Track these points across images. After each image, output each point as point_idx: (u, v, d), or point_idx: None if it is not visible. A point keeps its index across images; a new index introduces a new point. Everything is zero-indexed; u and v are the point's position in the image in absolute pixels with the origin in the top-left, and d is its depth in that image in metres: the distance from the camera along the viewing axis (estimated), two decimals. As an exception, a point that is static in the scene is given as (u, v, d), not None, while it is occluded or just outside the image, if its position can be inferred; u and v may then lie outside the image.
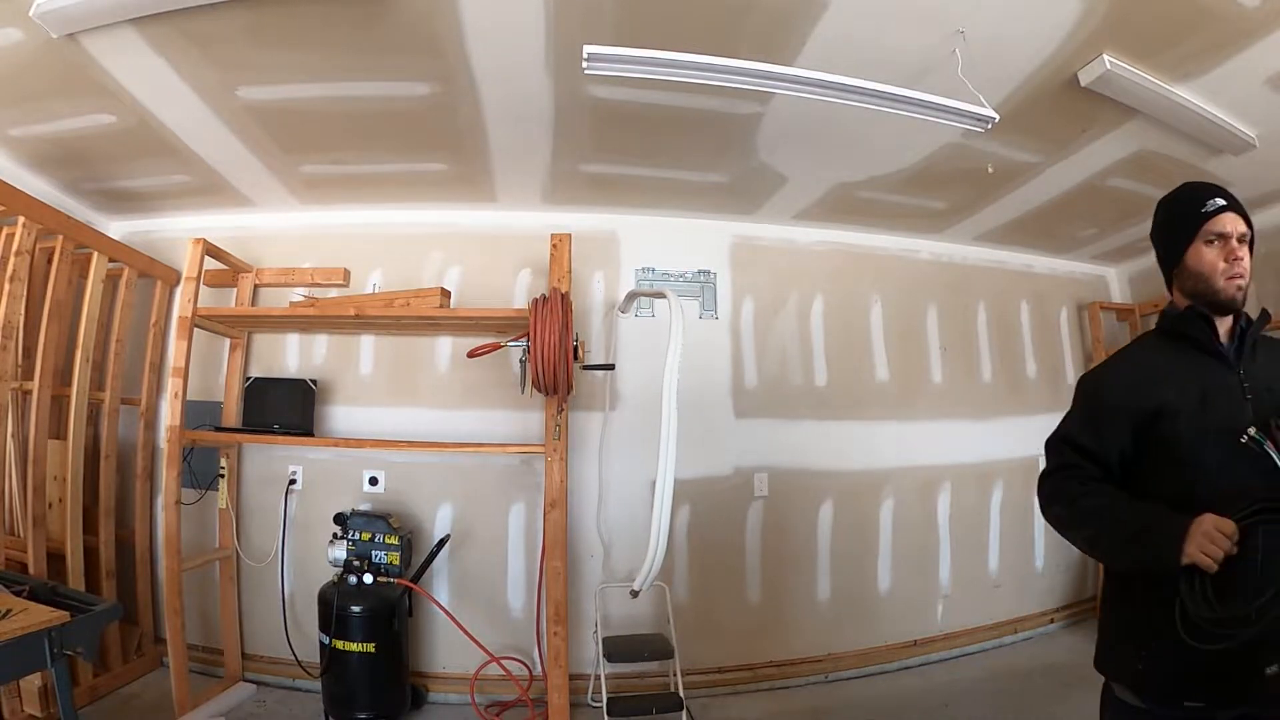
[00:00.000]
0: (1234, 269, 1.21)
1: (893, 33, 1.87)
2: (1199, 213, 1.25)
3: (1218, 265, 1.22)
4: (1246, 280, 1.22)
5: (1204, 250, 1.24)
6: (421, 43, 1.94)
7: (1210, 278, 1.22)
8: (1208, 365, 1.22)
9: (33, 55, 1.94)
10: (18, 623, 1.45)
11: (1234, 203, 1.26)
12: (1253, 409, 1.14)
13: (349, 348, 3.12)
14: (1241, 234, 1.23)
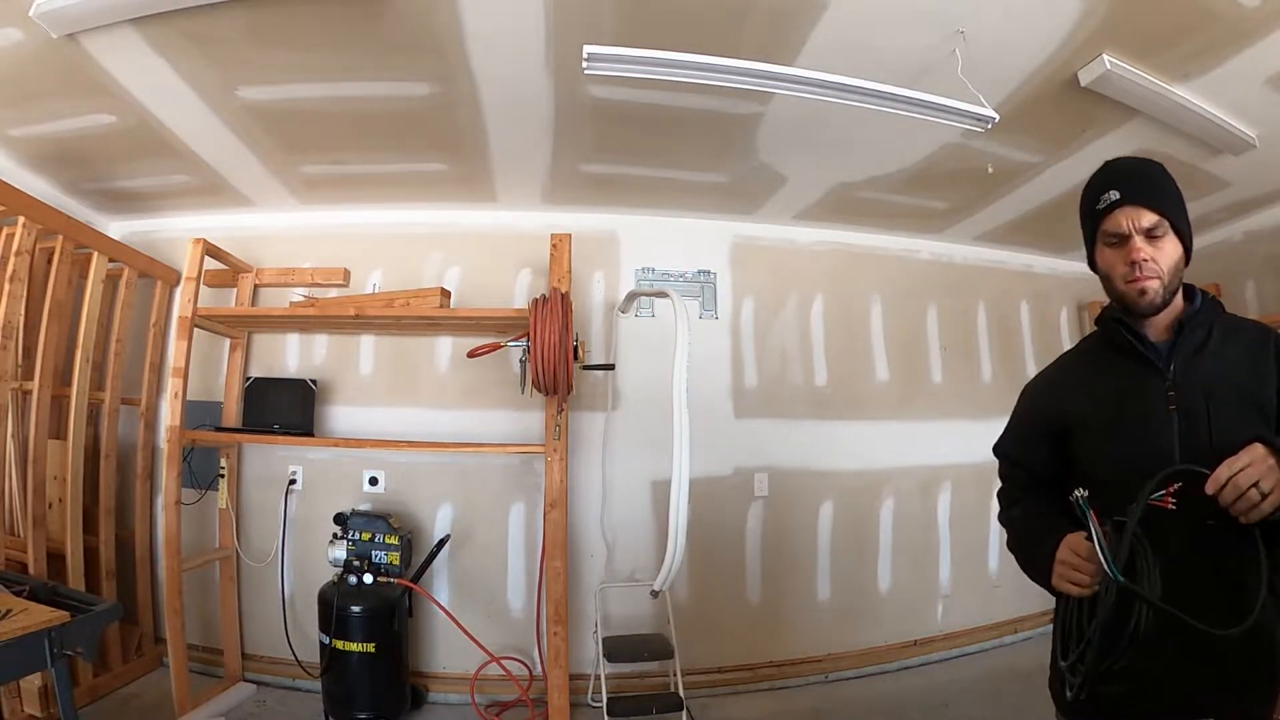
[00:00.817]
0: (1132, 273, 1.05)
1: (893, 33, 1.87)
2: (1093, 211, 1.11)
3: (1116, 268, 1.08)
4: (1158, 282, 1.05)
5: (1105, 252, 1.11)
6: (421, 43, 1.94)
7: (1112, 282, 1.10)
8: (1130, 371, 1.09)
9: (33, 55, 1.94)
10: (18, 623, 1.45)
11: (1135, 190, 1.08)
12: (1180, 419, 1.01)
13: (349, 348, 3.12)
14: (1147, 227, 1.05)
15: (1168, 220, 1.06)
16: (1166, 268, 1.06)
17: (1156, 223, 1.05)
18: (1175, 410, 1.02)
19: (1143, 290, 1.05)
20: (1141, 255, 1.04)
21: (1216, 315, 1.09)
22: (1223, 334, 1.07)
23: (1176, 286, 1.08)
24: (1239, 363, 1.02)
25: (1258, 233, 3.28)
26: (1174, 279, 1.07)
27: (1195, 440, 0.98)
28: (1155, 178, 1.10)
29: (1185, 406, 1.01)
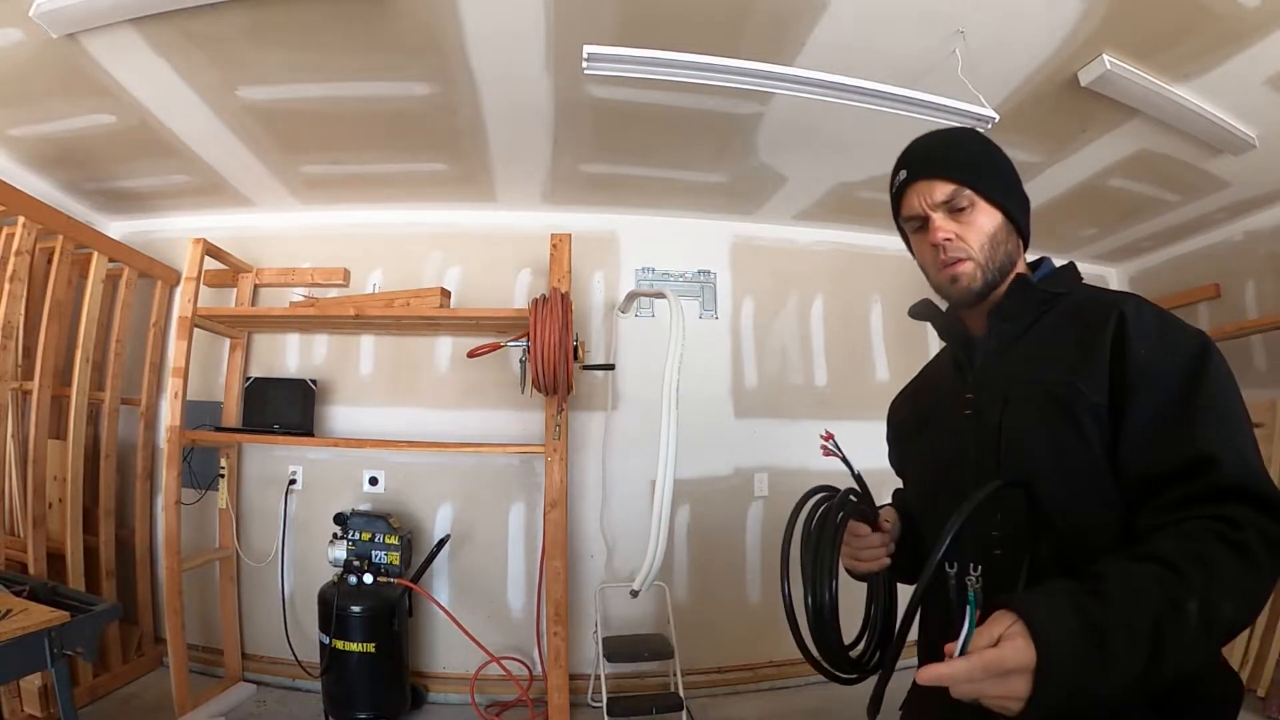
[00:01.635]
0: (938, 256, 0.88)
1: (893, 33, 1.87)
2: (891, 196, 0.97)
3: (926, 255, 0.92)
4: (971, 264, 0.87)
5: (914, 241, 0.95)
6: (421, 43, 1.94)
7: (927, 271, 0.93)
8: (949, 371, 0.96)
9: (33, 55, 1.94)
10: (18, 623, 1.45)
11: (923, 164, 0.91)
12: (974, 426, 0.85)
13: (349, 348, 3.12)
14: (942, 200, 0.87)
15: (968, 188, 0.87)
16: (978, 244, 0.86)
17: (953, 193, 0.87)
18: (970, 416, 0.87)
19: (954, 277, 0.87)
20: (942, 235, 0.86)
21: (1053, 298, 0.88)
22: (1058, 319, 0.86)
23: (1004, 265, 0.88)
24: (1060, 354, 0.80)
25: (1258, 233, 3.27)
26: (993, 256, 0.87)
27: (986, 452, 0.83)
28: (953, 146, 0.94)
29: (981, 412, 0.85)
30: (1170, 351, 0.73)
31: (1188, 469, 0.67)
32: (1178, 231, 3.46)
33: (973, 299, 0.88)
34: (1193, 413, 0.69)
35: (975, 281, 0.87)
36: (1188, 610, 0.58)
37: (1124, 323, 0.75)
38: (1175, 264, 3.71)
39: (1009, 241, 0.89)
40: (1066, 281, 0.91)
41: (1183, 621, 0.58)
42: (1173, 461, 0.68)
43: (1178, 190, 2.95)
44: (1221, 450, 0.66)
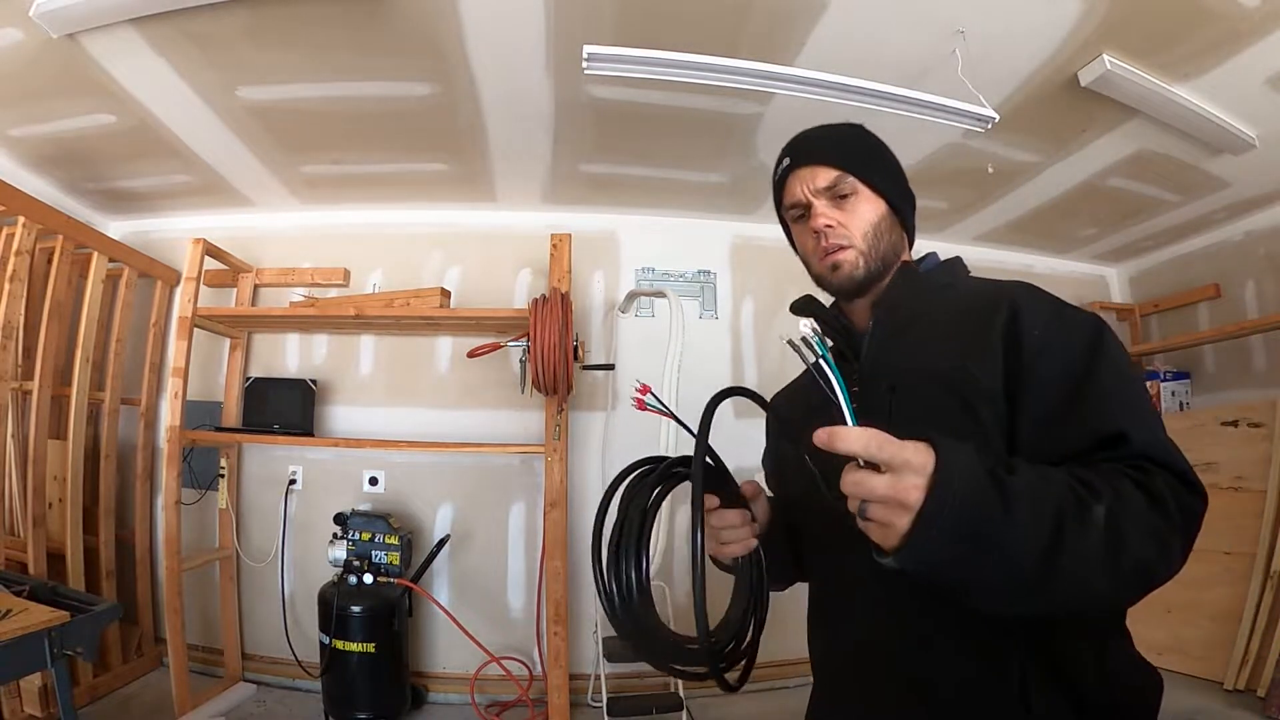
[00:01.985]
0: (819, 243, 0.85)
1: (893, 33, 1.87)
2: (774, 185, 0.93)
3: (807, 244, 0.88)
4: (853, 251, 0.84)
5: (795, 231, 0.91)
6: (421, 43, 1.94)
7: (809, 261, 0.90)
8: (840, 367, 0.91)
9: (33, 55, 1.95)
10: (18, 623, 1.45)
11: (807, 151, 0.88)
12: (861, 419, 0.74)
13: (349, 348, 3.12)
14: (824, 186, 0.85)
15: (851, 175, 0.85)
16: (860, 231, 0.84)
17: (836, 179, 0.84)
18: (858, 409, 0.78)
19: (835, 264, 0.84)
20: (823, 220, 0.84)
21: (940, 288, 0.86)
22: (946, 310, 0.82)
23: (887, 255, 0.86)
24: (950, 342, 0.76)
25: (1258, 233, 3.27)
26: (876, 245, 0.85)
27: None
28: (839, 136, 0.90)
29: (867, 403, 0.78)
30: (1066, 332, 0.71)
31: (1098, 445, 0.65)
32: (1178, 231, 3.46)
33: (854, 288, 0.86)
34: (1097, 390, 0.67)
35: (857, 270, 0.84)
36: (1094, 512, 0.56)
37: (1016, 307, 0.73)
38: (1175, 264, 3.71)
39: (893, 233, 0.87)
40: (954, 273, 0.90)
41: (1087, 520, 0.55)
42: (1081, 440, 0.65)
43: (1178, 190, 2.95)
44: (1131, 427, 0.64)
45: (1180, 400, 3.51)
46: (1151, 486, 0.60)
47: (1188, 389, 3.55)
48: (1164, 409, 3.44)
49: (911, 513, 0.52)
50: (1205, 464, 3.06)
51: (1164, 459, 0.64)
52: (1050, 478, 0.57)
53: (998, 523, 0.53)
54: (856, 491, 0.55)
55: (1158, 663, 2.77)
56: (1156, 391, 3.49)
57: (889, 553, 0.55)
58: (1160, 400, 3.47)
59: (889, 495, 0.53)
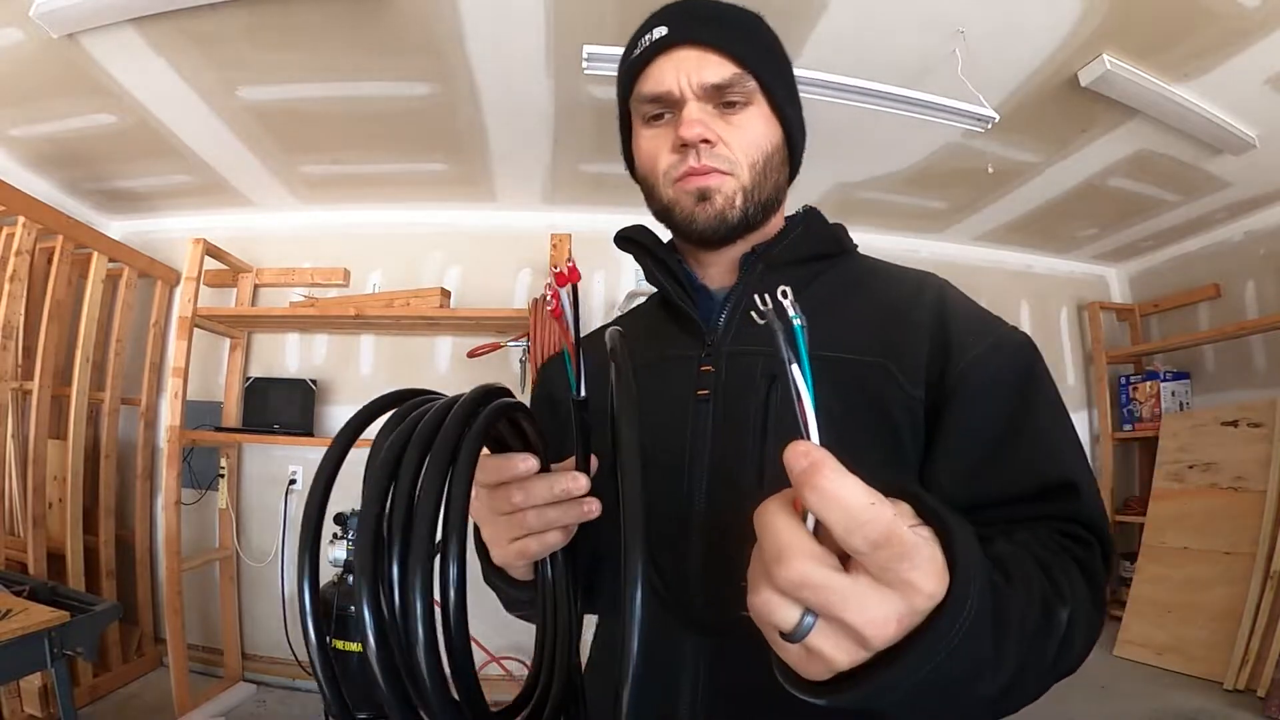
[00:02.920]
0: (686, 162, 0.61)
1: (893, 33, 1.87)
2: (628, 65, 0.65)
3: (659, 160, 0.64)
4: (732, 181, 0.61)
5: (643, 137, 0.65)
6: (421, 43, 1.94)
7: (655, 184, 0.66)
8: (670, 333, 0.68)
9: (33, 55, 1.94)
10: (18, 623, 1.45)
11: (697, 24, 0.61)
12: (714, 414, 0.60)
13: (349, 348, 3.12)
14: (714, 83, 0.60)
15: (754, 76, 0.61)
16: (748, 158, 0.61)
17: (734, 77, 0.60)
18: (709, 399, 0.60)
19: (704, 193, 0.61)
20: (698, 131, 0.59)
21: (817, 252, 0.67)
22: (840, 286, 0.66)
23: (769, 199, 0.64)
24: (863, 330, 0.59)
25: (1258, 233, 3.27)
26: (762, 183, 0.63)
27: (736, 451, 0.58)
28: (738, 17, 0.64)
29: (726, 392, 0.60)
30: (1004, 354, 0.58)
31: (1044, 492, 0.54)
32: (1178, 231, 3.46)
33: (722, 232, 0.62)
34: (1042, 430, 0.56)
35: (733, 208, 0.61)
36: (1057, 617, 0.44)
37: (945, 309, 0.61)
38: (1175, 264, 3.72)
39: (781, 171, 0.66)
40: (847, 243, 0.70)
41: (1051, 629, 0.43)
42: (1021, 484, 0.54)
43: (1178, 190, 2.95)
44: (1079, 478, 0.54)
45: (1180, 400, 3.51)
46: (1092, 569, 0.50)
47: (1188, 389, 3.55)
48: (1164, 409, 3.45)
49: (872, 653, 0.33)
50: (1205, 464, 3.06)
51: (1099, 523, 0.53)
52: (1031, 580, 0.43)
53: (982, 673, 0.37)
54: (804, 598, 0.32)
55: (1157, 662, 2.77)
56: (1156, 392, 3.50)
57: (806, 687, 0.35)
58: (1160, 400, 3.47)
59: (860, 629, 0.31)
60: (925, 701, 0.36)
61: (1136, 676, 2.79)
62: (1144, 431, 3.53)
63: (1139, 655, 2.93)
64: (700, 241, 0.65)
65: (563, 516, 0.49)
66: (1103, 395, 3.73)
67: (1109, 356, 3.73)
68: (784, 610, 0.32)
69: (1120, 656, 2.99)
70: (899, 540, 0.31)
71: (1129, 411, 3.67)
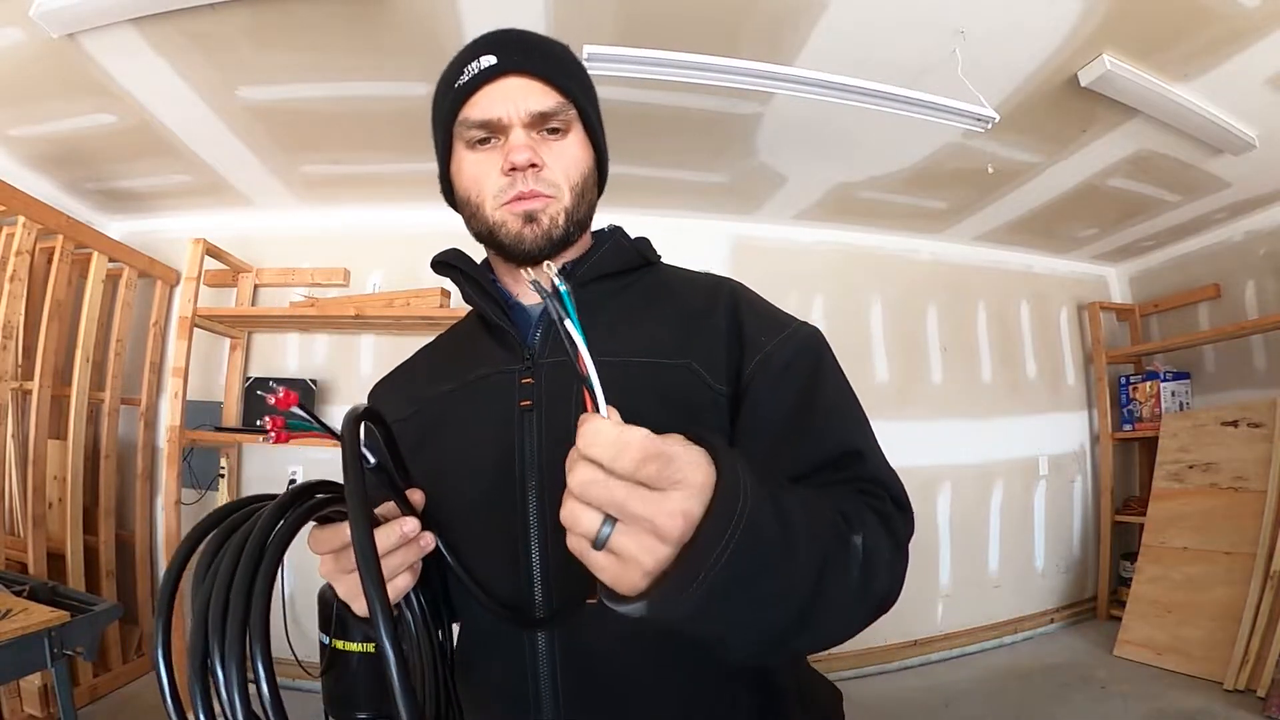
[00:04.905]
0: (515, 186, 0.64)
1: (893, 33, 1.87)
2: (452, 92, 0.67)
3: (485, 182, 0.66)
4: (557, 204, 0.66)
5: (466, 159, 0.67)
6: (422, 43, 1.94)
7: (479, 206, 0.67)
8: (488, 351, 0.71)
9: (33, 55, 1.94)
10: (18, 623, 1.45)
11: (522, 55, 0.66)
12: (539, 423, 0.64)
13: (349, 348, 3.12)
14: (540, 111, 0.64)
15: (575, 106, 0.67)
16: (569, 182, 0.66)
17: (557, 107, 0.65)
18: (533, 409, 0.64)
19: (530, 215, 0.65)
20: (525, 156, 0.63)
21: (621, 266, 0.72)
22: (643, 294, 0.72)
23: (583, 219, 0.69)
24: (665, 334, 0.65)
25: (1258, 233, 3.28)
26: (579, 204, 0.68)
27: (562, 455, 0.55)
28: (553, 48, 0.69)
29: (549, 402, 0.64)
30: (793, 344, 0.66)
31: (834, 461, 0.60)
32: (1178, 231, 3.47)
33: (548, 251, 0.66)
34: (825, 404, 0.63)
35: (557, 227, 0.66)
36: (852, 544, 0.49)
37: (737, 307, 0.68)
38: (1175, 264, 3.72)
39: (593, 192, 0.71)
40: (649, 254, 0.75)
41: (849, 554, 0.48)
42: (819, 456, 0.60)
43: (1178, 190, 2.95)
44: (865, 446, 0.62)
45: (1180, 400, 3.51)
46: (887, 515, 0.56)
47: (1188, 389, 3.55)
48: (1164, 409, 3.45)
49: (672, 547, 0.38)
50: (1205, 464, 3.06)
51: (889, 482, 0.60)
52: (817, 504, 0.48)
53: (777, 563, 0.41)
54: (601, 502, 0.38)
55: (1157, 662, 2.79)
56: (1156, 392, 3.50)
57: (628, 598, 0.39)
58: (1160, 400, 3.47)
59: (650, 519, 0.37)
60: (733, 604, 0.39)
61: (1136, 676, 2.79)
62: (1144, 431, 3.53)
63: (1139, 655, 2.93)
64: (523, 260, 0.67)
65: (406, 558, 0.56)
66: (1103, 395, 3.73)
67: (1109, 356, 3.74)
68: (587, 517, 0.38)
69: (1120, 656, 2.99)
70: (658, 452, 0.37)
71: (1129, 411, 3.67)
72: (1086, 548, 3.73)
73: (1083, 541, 3.74)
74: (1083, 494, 3.77)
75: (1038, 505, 3.63)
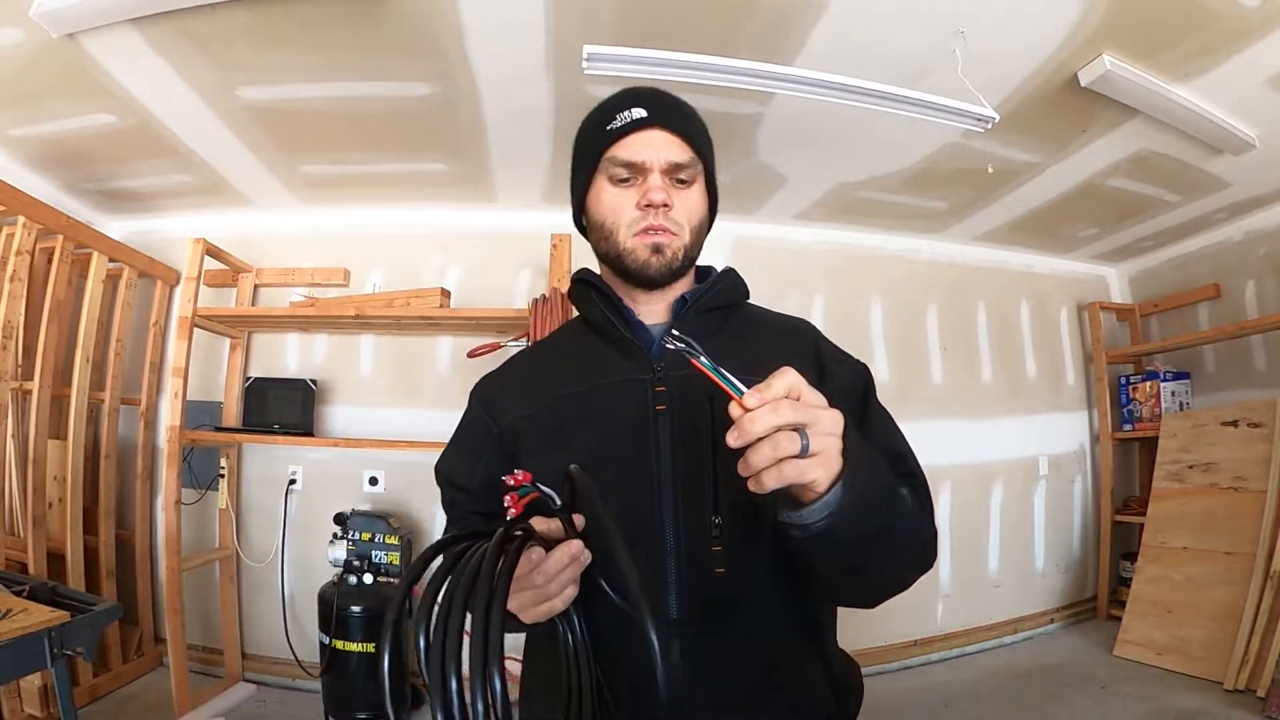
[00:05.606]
0: (647, 219, 0.77)
1: (893, 33, 1.87)
2: (602, 132, 0.79)
3: (622, 213, 0.78)
4: (679, 241, 0.79)
5: (607, 191, 0.80)
6: (421, 43, 1.94)
7: (613, 232, 0.79)
8: (612, 360, 0.81)
9: (33, 55, 1.94)
10: (18, 623, 1.45)
11: (668, 114, 0.79)
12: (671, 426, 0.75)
13: (349, 348, 3.12)
14: (676, 162, 0.78)
15: (703, 162, 0.81)
16: (690, 225, 0.80)
17: (690, 161, 0.78)
18: (666, 413, 0.75)
19: (658, 247, 0.77)
20: (661, 196, 0.76)
21: (732, 300, 0.86)
22: (743, 323, 0.86)
23: (697, 255, 0.84)
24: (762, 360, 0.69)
25: (1258, 233, 3.28)
26: (696, 243, 0.82)
27: (694, 453, 0.73)
28: (691, 112, 0.83)
29: (680, 408, 0.75)
30: (852, 371, 0.85)
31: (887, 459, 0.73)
32: (1178, 231, 3.47)
33: (665, 279, 0.80)
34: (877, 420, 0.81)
35: (676, 260, 0.79)
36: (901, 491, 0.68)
37: (818, 341, 0.88)
38: (1175, 264, 3.72)
39: (704, 234, 0.84)
40: (743, 289, 0.90)
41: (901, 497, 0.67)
42: None
43: (1178, 190, 2.95)
44: (904, 450, 0.79)
45: (1180, 400, 3.51)
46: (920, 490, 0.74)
47: (1188, 389, 3.55)
48: (1164, 409, 3.45)
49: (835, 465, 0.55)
50: (1205, 464, 3.06)
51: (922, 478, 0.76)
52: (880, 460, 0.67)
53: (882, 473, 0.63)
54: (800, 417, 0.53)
55: (1157, 662, 2.79)
56: (1156, 392, 3.50)
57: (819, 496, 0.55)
58: (1160, 400, 3.48)
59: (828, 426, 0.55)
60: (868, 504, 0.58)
61: (1136, 676, 2.79)
62: (1144, 431, 3.53)
63: (1139, 655, 2.93)
64: (646, 284, 0.81)
65: (573, 573, 0.63)
66: (1103, 395, 3.73)
67: (1109, 356, 3.74)
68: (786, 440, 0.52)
69: (1120, 656, 3.00)
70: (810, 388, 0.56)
71: (1129, 411, 3.67)
72: (1086, 548, 3.73)
73: (1083, 541, 3.74)
74: (1083, 494, 3.77)
75: (1038, 505, 3.63)
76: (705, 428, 0.73)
